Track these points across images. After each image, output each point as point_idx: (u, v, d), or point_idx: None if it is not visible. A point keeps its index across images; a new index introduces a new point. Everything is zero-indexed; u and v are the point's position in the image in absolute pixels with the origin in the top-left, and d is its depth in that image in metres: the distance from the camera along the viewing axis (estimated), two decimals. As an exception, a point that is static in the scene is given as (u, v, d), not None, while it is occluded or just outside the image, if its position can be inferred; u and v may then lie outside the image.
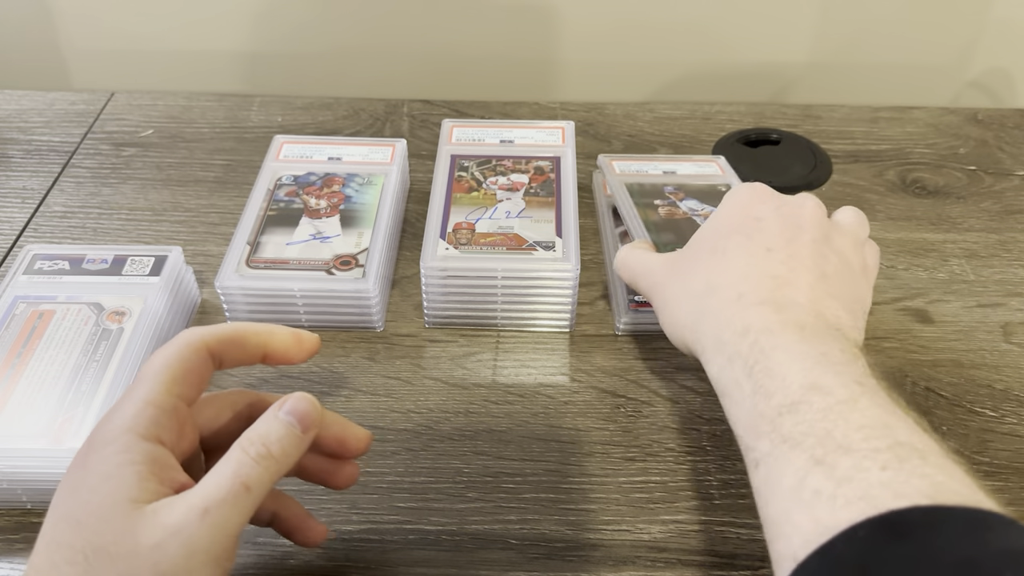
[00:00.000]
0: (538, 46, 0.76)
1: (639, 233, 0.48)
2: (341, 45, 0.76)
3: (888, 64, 0.77)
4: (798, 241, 0.36)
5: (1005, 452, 0.42)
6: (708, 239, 0.39)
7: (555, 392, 0.45)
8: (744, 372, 0.32)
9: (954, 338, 0.49)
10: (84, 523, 0.27)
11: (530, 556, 0.38)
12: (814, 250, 0.36)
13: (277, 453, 0.29)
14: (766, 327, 0.33)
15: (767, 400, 0.30)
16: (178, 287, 0.48)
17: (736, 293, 0.35)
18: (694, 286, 0.37)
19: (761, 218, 0.38)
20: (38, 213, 0.57)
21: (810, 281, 0.35)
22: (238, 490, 0.28)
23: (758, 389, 0.31)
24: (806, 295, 0.34)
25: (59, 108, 0.67)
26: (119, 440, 0.28)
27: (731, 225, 0.38)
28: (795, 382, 0.30)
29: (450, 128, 0.57)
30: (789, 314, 0.33)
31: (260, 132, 0.65)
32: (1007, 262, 0.54)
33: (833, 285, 0.36)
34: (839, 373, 0.30)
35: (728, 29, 0.75)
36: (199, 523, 0.27)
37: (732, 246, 0.37)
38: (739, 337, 0.33)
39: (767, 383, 0.31)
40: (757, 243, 0.37)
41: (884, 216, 0.57)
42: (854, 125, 0.67)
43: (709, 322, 0.35)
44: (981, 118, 0.68)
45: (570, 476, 0.41)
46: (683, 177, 0.55)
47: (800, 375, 0.30)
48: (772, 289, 0.35)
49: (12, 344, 0.43)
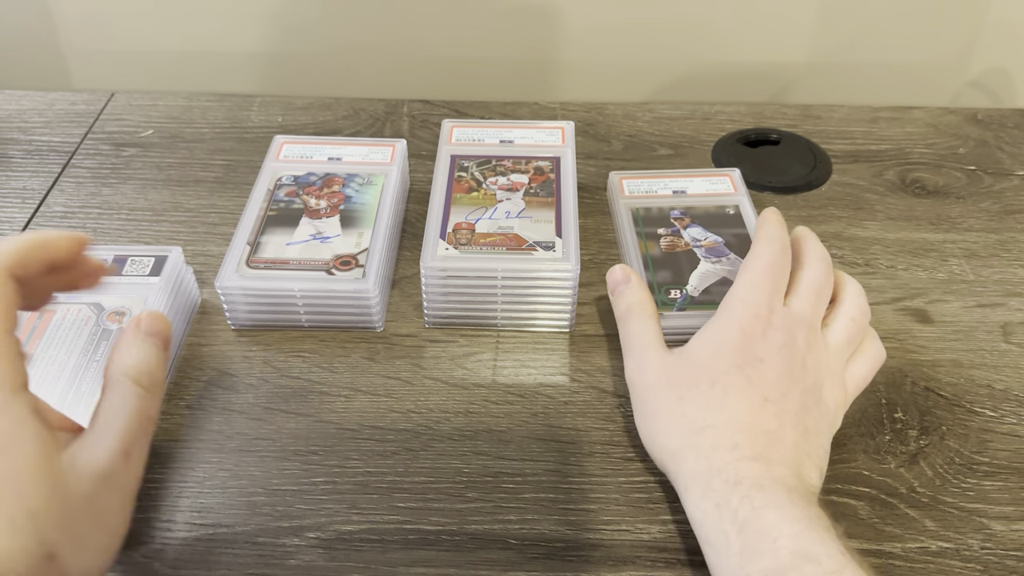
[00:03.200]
0: (538, 46, 0.76)
1: (635, 268, 0.48)
2: (341, 45, 0.76)
3: (888, 64, 0.77)
4: (791, 394, 0.37)
5: (1005, 452, 0.42)
6: (710, 365, 0.39)
7: (555, 392, 0.45)
8: (734, 527, 0.33)
9: (954, 338, 0.49)
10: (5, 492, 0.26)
11: (530, 556, 0.38)
12: (802, 404, 0.37)
13: (161, 378, 0.32)
14: (757, 482, 0.34)
15: (754, 561, 0.31)
16: (178, 287, 0.48)
17: (732, 443, 0.36)
18: (689, 414, 0.38)
19: (763, 360, 0.38)
20: (38, 213, 0.57)
21: (795, 439, 0.36)
22: (147, 425, 0.30)
23: (747, 548, 0.32)
24: (790, 453, 0.36)
25: (59, 108, 0.67)
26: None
27: (733, 360, 0.38)
28: (785, 547, 0.31)
29: (450, 128, 0.57)
30: (776, 471, 0.35)
31: (260, 132, 0.65)
32: (1007, 262, 0.54)
33: (811, 442, 0.37)
34: (825, 541, 0.31)
35: (728, 29, 0.75)
36: (125, 466, 0.28)
37: (733, 387, 0.38)
38: (730, 487, 0.34)
39: (756, 543, 0.32)
40: (757, 390, 0.37)
41: (884, 216, 0.57)
42: (854, 125, 0.67)
43: (698, 461, 0.36)
44: (981, 118, 0.68)
45: (570, 476, 0.41)
46: (692, 198, 0.54)
47: (790, 540, 0.31)
48: (765, 445, 0.36)
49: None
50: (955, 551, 0.38)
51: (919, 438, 0.43)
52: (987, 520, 0.39)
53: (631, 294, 0.44)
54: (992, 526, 0.39)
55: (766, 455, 0.35)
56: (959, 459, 0.42)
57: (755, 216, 0.54)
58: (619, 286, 0.45)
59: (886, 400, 0.45)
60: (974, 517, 0.39)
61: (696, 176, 0.56)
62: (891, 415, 0.44)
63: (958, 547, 0.38)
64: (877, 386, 0.45)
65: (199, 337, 0.48)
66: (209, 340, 0.48)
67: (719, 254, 0.50)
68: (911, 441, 0.43)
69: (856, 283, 0.43)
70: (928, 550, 0.38)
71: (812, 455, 0.37)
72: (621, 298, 0.44)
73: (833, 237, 0.56)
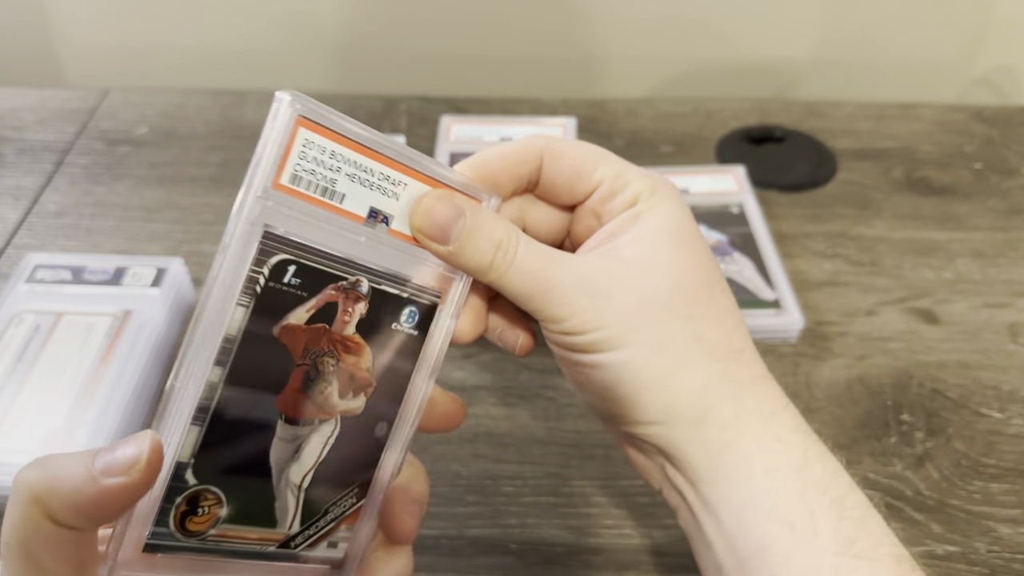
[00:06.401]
0: (539, 41, 0.75)
1: None
2: (338, 41, 0.76)
3: (893, 61, 0.76)
4: None
5: (1012, 454, 0.42)
6: (698, 265, 0.28)
7: (555, 394, 0.44)
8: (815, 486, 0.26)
9: (960, 339, 0.48)
10: None
11: (530, 561, 0.37)
12: None
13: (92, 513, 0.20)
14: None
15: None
16: (175, 293, 0.47)
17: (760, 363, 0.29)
18: (705, 336, 0.27)
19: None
20: (32, 212, 0.56)
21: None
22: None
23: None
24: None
25: (53, 106, 0.66)
26: None
27: (707, 250, 0.30)
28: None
29: (449, 125, 0.56)
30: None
31: (255, 129, 0.63)
32: (1014, 261, 0.53)
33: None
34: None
35: (732, 25, 0.74)
36: None
37: (725, 290, 0.29)
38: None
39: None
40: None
41: (889, 215, 0.57)
42: (859, 122, 0.66)
43: (742, 401, 0.27)
44: (987, 115, 0.67)
45: (571, 479, 0.40)
46: (696, 196, 0.54)
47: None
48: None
49: (14, 355, 0.42)
50: (961, 555, 0.37)
51: (925, 440, 0.42)
52: (994, 523, 0.39)
53: (493, 227, 0.26)
54: (999, 529, 0.38)
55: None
56: (966, 461, 0.41)
57: (760, 215, 0.53)
58: (454, 224, 0.26)
59: (892, 402, 0.44)
60: (981, 520, 0.39)
61: (699, 174, 0.56)
62: (897, 417, 0.43)
63: (965, 551, 0.38)
64: (883, 387, 0.45)
65: (194, 337, 0.47)
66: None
67: (723, 253, 0.49)
68: (917, 443, 0.42)
69: None
70: (934, 554, 0.37)
71: None
72: (476, 237, 0.26)
73: (838, 236, 0.55)
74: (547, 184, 0.29)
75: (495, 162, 0.27)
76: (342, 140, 0.24)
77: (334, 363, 0.25)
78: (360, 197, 0.24)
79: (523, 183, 0.28)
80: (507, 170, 0.28)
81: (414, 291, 0.26)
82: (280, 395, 0.24)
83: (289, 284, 0.24)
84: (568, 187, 0.28)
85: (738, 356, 0.27)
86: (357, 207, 0.24)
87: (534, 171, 0.28)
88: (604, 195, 0.28)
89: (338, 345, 0.25)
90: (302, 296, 0.24)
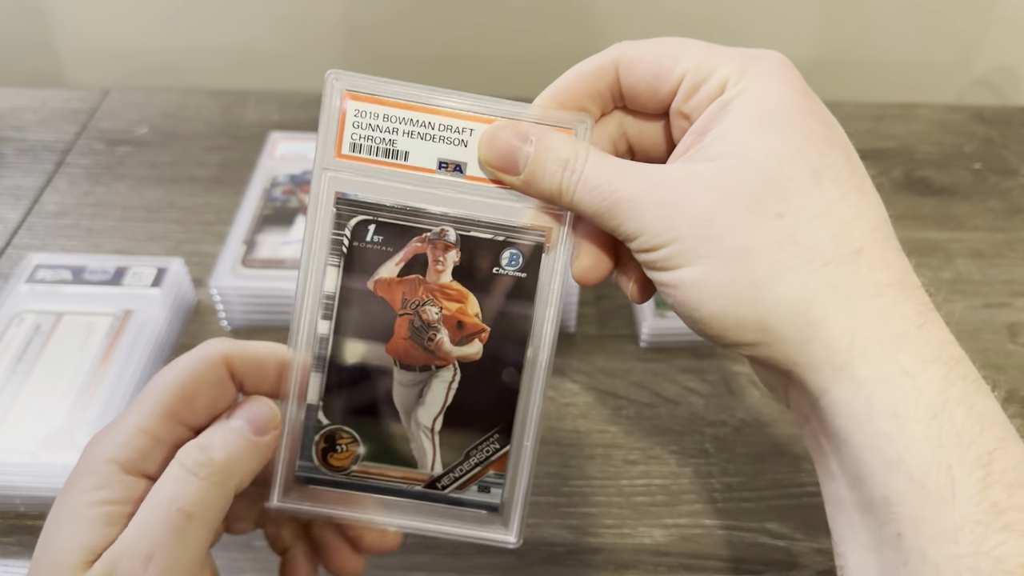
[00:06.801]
0: (539, 42, 0.75)
1: None
2: (336, 41, 0.76)
3: (893, 61, 0.76)
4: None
5: (1012, 455, 0.42)
6: (791, 150, 0.24)
7: (555, 394, 0.44)
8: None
9: (960, 339, 0.48)
10: None
11: (530, 560, 0.37)
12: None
13: (222, 460, 0.23)
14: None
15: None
16: (176, 293, 0.47)
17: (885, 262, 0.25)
18: (802, 238, 0.23)
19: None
20: (32, 212, 0.56)
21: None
22: (177, 521, 0.22)
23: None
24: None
25: (53, 106, 0.66)
26: (99, 472, 0.23)
27: (820, 129, 0.26)
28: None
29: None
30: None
31: (256, 129, 0.64)
32: (1013, 262, 0.53)
33: None
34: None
35: (731, 25, 0.74)
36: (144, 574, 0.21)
37: (840, 175, 0.25)
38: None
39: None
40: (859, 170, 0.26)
41: (889, 215, 0.57)
42: (859, 122, 0.66)
43: (857, 314, 0.23)
44: (987, 116, 0.67)
45: (571, 479, 0.40)
46: None
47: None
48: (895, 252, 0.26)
49: (14, 355, 0.42)
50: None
51: (925, 440, 0.42)
52: (995, 524, 0.39)
53: (560, 147, 0.25)
54: (1000, 530, 0.38)
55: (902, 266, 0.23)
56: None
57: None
58: (520, 151, 0.25)
59: (892, 402, 0.44)
60: (982, 521, 0.39)
61: None
62: (897, 417, 0.43)
63: (966, 552, 0.38)
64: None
65: (194, 338, 0.47)
66: (203, 341, 0.47)
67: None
68: (917, 443, 0.42)
69: None
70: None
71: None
72: (543, 161, 0.25)
73: (837, 236, 0.55)
74: (630, 95, 0.25)
75: (572, 85, 0.25)
76: (393, 103, 0.26)
77: (437, 311, 0.26)
78: (424, 151, 0.25)
79: (608, 99, 0.26)
80: (585, 90, 0.25)
81: (510, 233, 0.26)
82: (389, 343, 0.26)
83: (372, 241, 0.26)
84: (651, 93, 0.25)
85: (855, 258, 0.22)
86: (424, 160, 0.25)
87: (614, 84, 0.25)
88: (688, 90, 0.24)
89: (436, 293, 0.26)
90: (388, 251, 0.26)
